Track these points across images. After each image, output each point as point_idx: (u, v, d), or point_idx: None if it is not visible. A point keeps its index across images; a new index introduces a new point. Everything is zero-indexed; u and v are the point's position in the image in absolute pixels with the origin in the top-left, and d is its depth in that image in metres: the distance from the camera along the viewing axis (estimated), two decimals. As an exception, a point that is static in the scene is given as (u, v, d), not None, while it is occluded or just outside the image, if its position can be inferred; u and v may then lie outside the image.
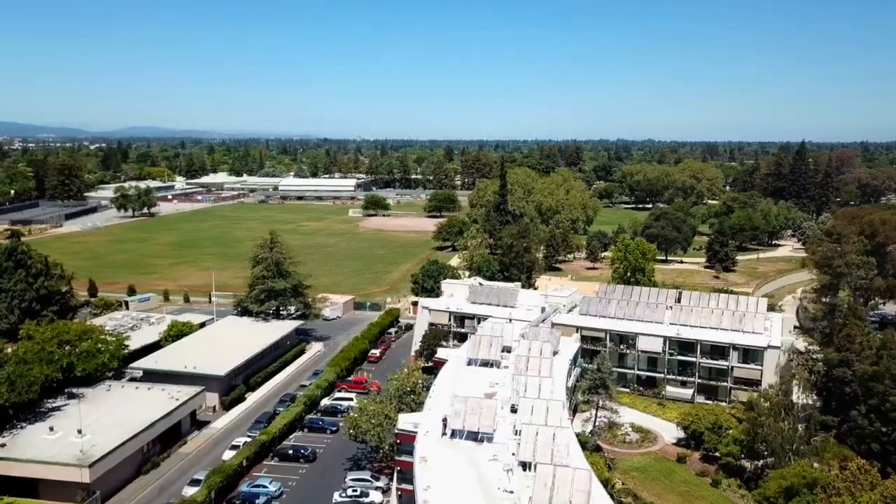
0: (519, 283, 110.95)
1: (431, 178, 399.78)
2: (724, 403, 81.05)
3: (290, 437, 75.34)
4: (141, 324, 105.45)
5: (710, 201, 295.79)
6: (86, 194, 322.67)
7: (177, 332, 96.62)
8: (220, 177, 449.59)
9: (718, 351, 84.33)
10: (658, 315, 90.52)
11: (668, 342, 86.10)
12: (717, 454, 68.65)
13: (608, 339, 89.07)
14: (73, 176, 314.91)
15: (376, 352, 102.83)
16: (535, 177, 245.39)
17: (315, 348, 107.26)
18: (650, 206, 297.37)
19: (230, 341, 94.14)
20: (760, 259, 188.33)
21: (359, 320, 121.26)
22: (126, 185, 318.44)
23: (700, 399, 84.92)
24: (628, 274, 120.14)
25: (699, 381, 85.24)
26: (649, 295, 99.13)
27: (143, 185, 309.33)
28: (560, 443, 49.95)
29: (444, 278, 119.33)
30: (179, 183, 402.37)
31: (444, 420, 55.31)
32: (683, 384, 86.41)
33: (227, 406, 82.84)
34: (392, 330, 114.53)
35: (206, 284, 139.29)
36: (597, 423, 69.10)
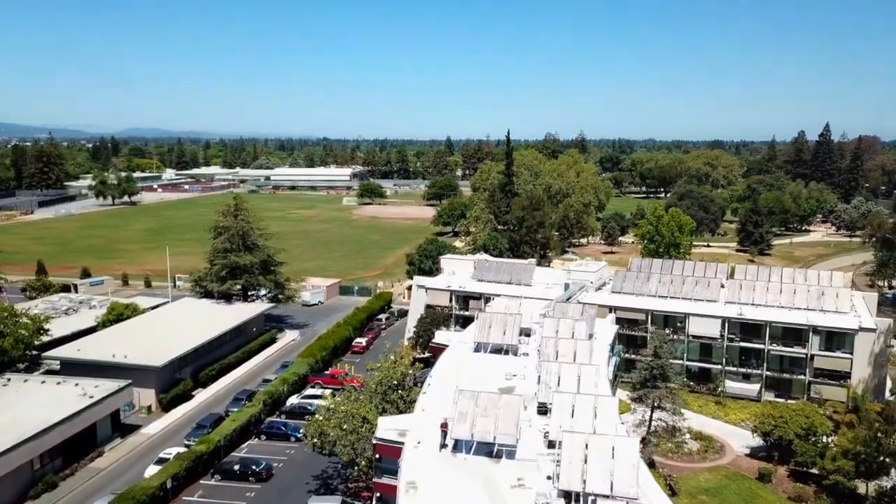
0: (534, 260, 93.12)
1: (431, 169, 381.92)
2: (799, 401, 63.02)
3: (242, 446, 57.42)
4: (80, 307, 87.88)
5: (722, 189, 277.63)
6: (67, 183, 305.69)
7: (116, 316, 78.79)
8: (212, 169, 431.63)
9: (793, 335, 66.37)
10: (712, 292, 72.56)
11: (727, 324, 68.14)
12: (813, 470, 50.84)
13: (650, 321, 71.18)
14: (52, 164, 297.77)
15: (362, 341, 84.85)
16: (543, 159, 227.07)
17: (289, 337, 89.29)
18: (662, 195, 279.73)
19: (179, 326, 76.32)
20: (794, 244, 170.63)
21: (344, 306, 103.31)
22: (108, 173, 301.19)
23: (769, 396, 67.04)
24: (661, 251, 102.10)
25: (767, 373, 67.32)
26: (694, 269, 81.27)
27: (123, 174, 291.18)
28: (624, 463, 32.09)
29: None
30: (168, 174, 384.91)
31: (444, 425, 37.60)
32: (747, 377, 68.47)
33: (166, 406, 64.93)
34: (382, 316, 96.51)
35: (175, 269, 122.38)
36: (651, 429, 51.11)
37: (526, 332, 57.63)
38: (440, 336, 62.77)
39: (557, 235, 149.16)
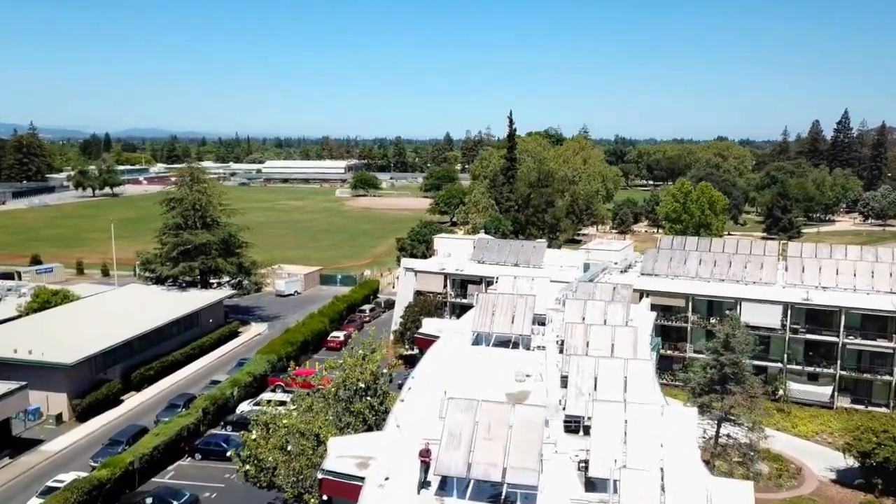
0: (544, 241, 79.69)
1: (430, 163, 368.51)
2: (883, 409, 49.60)
3: (168, 468, 43.89)
4: (7, 295, 74.57)
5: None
6: (49, 175, 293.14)
7: (41, 305, 65.27)
8: (205, 164, 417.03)
9: (876, 324, 52.81)
10: (768, 273, 58.96)
11: (790, 312, 54.52)
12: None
13: (690, 308, 57.59)
14: (33, 155, 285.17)
15: (339, 335, 71.09)
16: (547, 145, 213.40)
17: (254, 330, 75.77)
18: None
19: (113, 317, 62.67)
20: (822, 233, 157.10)
21: (324, 297, 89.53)
22: (90, 165, 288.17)
23: (843, 402, 53.52)
24: (688, 233, 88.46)
25: (841, 372, 53.72)
26: (737, 247, 67.79)
27: (105, 165, 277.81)
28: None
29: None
30: (158, 168, 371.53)
31: (426, 452, 24.10)
32: (814, 378, 54.89)
33: (82, 414, 51.30)
34: (366, 307, 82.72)
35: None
36: (717, 449, 37.47)
37: (540, 321, 44.27)
38: (429, 325, 49.18)
39: (567, 220, 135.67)
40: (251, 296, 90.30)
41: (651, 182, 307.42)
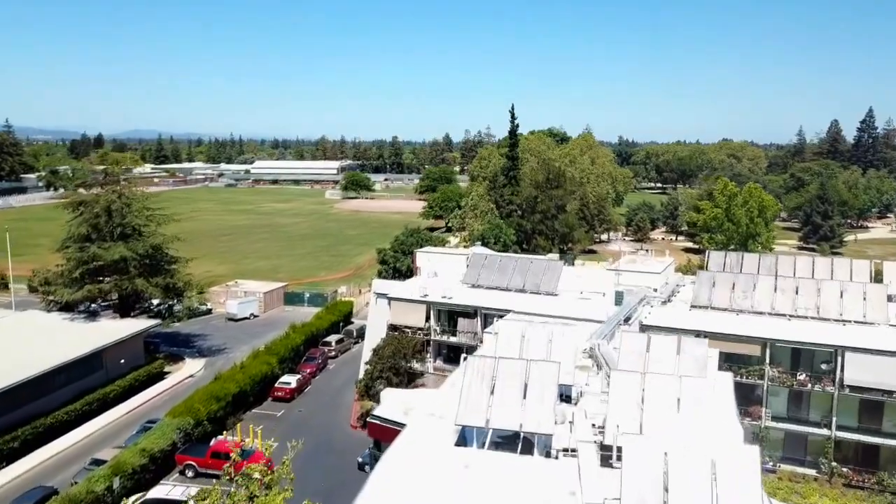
0: (558, 258, 63.42)
1: (427, 164, 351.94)
2: None
3: None
4: None
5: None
6: (26, 175, 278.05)
7: None
8: (194, 164, 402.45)
9: None
10: (874, 309, 42.50)
11: (917, 368, 38.16)
12: None
13: (768, 358, 41.14)
14: (6, 153, 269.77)
15: (290, 381, 54.40)
16: (552, 144, 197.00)
17: (187, 370, 59.24)
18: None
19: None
20: (860, 241, 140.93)
21: (287, 321, 72.91)
22: (65, 166, 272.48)
23: None
24: (732, 247, 72.01)
25: None
26: (814, 267, 51.42)
27: (79, 164, 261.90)
28: None
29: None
30: (146, 168, 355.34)
31: None
32: (949, 463, 38.57)
33: None
34: (332, 338, 66.01)
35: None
36: None
37: (565, 395, 28.22)
38: (389, 402, 32.63)
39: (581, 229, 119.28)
40: (197, 321, 74.30)
41: (660, 184, 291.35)
